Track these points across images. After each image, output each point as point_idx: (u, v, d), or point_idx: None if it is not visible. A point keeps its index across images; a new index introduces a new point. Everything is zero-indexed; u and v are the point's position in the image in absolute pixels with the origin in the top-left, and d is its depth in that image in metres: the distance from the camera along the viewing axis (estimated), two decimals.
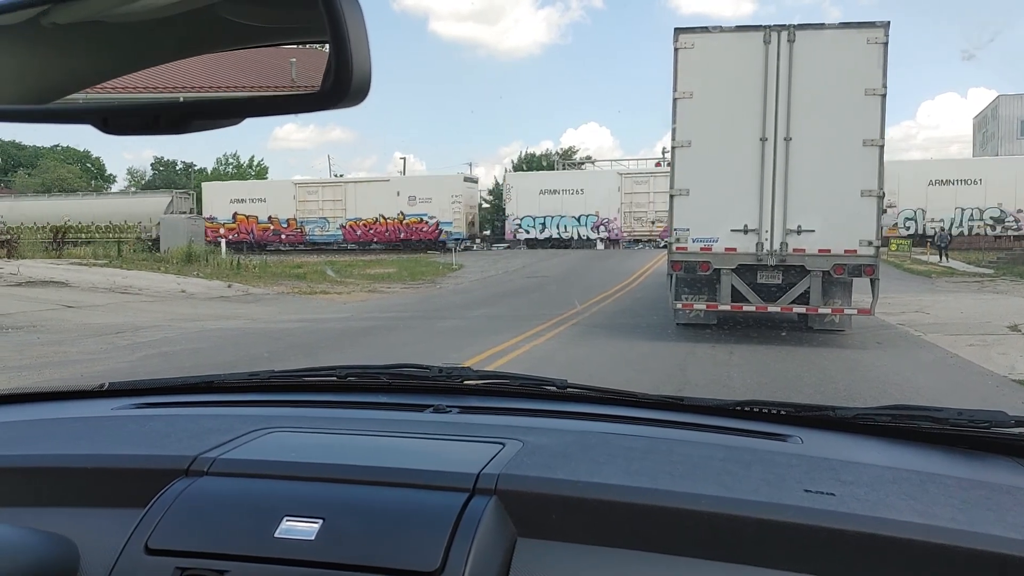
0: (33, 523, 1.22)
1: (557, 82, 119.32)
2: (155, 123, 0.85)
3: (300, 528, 1.15)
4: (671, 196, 11.84)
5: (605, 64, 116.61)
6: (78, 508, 1.32)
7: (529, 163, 61.66)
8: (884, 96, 10.97)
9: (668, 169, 12.79)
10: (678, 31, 11.57)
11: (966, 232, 36.61)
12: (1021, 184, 36.24)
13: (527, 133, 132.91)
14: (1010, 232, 36.30)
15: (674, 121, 11.63)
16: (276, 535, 1.15)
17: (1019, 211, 36.53)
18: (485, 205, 53.60)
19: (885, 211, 39.26)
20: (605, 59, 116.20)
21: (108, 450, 1.45)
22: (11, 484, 1.41)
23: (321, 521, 1.16)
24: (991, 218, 36.86)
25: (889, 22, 10.92)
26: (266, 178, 64.38)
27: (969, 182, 36.98)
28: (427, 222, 42.83)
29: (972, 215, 36.97)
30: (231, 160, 72.64)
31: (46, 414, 1.81)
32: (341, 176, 55.69)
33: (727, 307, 11.82)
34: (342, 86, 0.81)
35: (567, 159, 59.16)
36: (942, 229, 33.93)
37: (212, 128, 0.88)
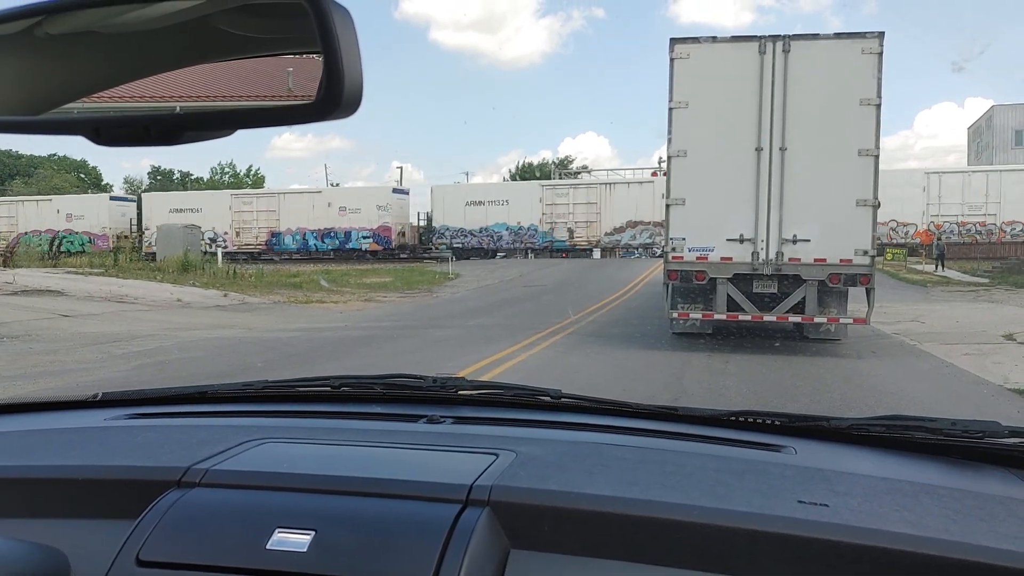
0: (23, 534, 1.21)
1: (557, 91, 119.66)
2: (146, 134, 0.85)
3: (292, 540, 1.15)
4: (667, 206, 11.88)
5: (605, 73, 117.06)
6: (69, 519, 1.31)
7: (525, 173, 61.73)
8: (879, 106, 11.01)
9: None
10: (674, 41, 11.62)
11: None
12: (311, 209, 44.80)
13: (526, 142, 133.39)
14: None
15: (670, 131, 11.66)
16: (268, 547, 1.15)
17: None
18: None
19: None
20: (605, 68, 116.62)
21: (100, 461, 1.44)
22: (2, 495, 1.40)
23: (313, 533, 1.16)
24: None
25: (883, 32, 10.99)
26: (262, 187, 64.25)
27: (194, 211, 45.34)
28: None
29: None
30: (227, 169, 72.70)
31: (39, 424, 1.80)
32: (337, 185, 55.44)
33: (723, 316, 11.82)
34: (333, 98, 0.81)
35: (564, 168, 59.26)
36: (939, 239, 33.99)
37: (203, 139, 0.88)
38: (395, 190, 46.20)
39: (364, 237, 43.98)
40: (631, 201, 41.29)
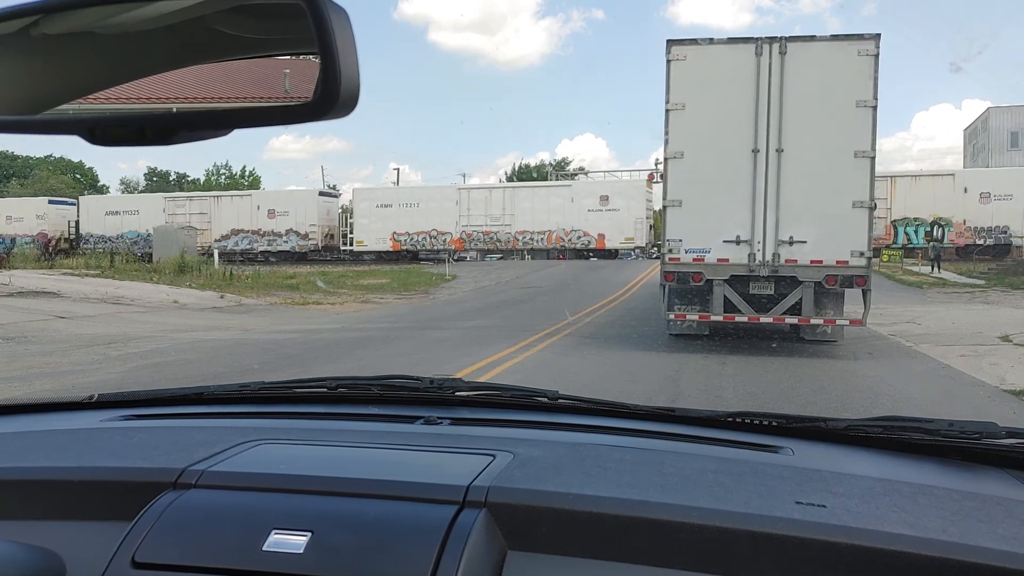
0: (19, 536, 1.21)
1: (555, 93, 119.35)
2: (141, 134, 0.85)
3: (288, 541, 1.15)
4: (664, 207, 11.89)
5: (603, 75, 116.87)
6: (65, 521, 1.31)
7: (522, 174, 61.75)
8: (875, 108, 11.03)
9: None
10: (670, 43, 11.64)
11: None
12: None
13: (524, 144, 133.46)
14: None
15: (666, 132, 11.68)
16: (264, 548, 1.14)
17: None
18: None
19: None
20: (603, 70, 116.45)
21: (96, 462, 1.44)
22: None
23: (309, 534, 1.15)
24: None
25: (879, 35, 11.00)
26: (259, 188, 64.20)
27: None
28: None
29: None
30: (223, 170, 72.61)
31: (34, 426, 1.80)
32: (334, 187, 55.81)
33: (719, 318, 11.83)
34: (330, 97, 0.81)
35: (560, 170, 59.33)
36: (936, 241, 34.06)
37: (198, 139, 0.88)
38: (51, 201, 51.20)
39: (25, 243, 46.80)
40: (234, 212, 45.65)
